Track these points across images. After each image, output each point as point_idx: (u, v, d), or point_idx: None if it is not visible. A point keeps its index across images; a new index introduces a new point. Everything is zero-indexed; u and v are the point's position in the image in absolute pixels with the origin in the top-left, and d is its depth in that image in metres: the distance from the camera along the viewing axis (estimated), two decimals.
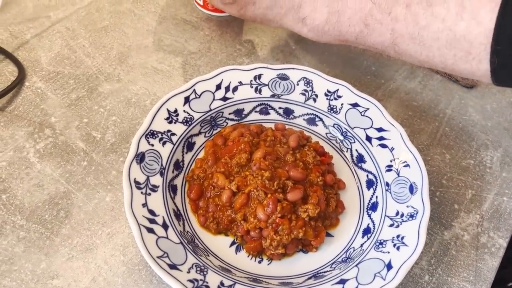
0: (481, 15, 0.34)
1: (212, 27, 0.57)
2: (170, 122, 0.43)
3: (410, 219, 0.39)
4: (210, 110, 0.45)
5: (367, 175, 0.44)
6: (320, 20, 0.44)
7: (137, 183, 0.38)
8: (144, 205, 0.37)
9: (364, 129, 0.45)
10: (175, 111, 0.43)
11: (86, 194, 0.42)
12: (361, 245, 0.39)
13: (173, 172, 0.42)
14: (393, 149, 0.43)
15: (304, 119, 0.47)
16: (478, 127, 0.51)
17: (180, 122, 0.43)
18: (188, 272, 0.35)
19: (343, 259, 0.39)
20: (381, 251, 0.38)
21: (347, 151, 0.46)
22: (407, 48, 0.40)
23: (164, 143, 0.42)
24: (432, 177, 0.46)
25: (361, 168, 0.44)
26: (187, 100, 0.44)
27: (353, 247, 0.39)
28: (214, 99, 0.45)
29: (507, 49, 0.34)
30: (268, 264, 0.39)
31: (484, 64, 0.36)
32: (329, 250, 0.40)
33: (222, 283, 0.35)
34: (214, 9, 0.58)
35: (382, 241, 0.38)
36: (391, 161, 0.43)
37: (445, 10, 0.36)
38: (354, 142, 0.45)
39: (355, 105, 0.46)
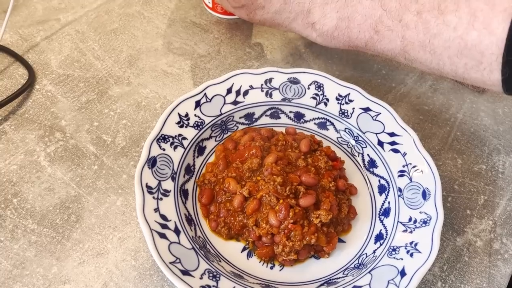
0: (493, 25, 0.34)
1: (222, 30, 0.57)
2: (181, 126, 0.43)
3: (424, 225, 0.38)
4: (221, 114, 0.45)
5: (379, 180, 0.43)
6: (330, 26, 0.43)
7: (149, 187, 0.38)
8: (156, 210, 0.37)
9: (376, 133, 0.44)
10: (186, 115, 0.43)
11: (97, 198, 0.42)
12: (374, 251, 0.39)
13: (184, 176, 0.41)
14: (406, 154, 0.43)
15: (315, 123, 0.47)
16: (490, 131, 0.51)
17: (191, 126, 0.43)
18: (201, 278, 0.35)
19: (356, 266, 0.38)
20: (394, 257, 0.37)
21: (358, 156, 0.45)
22: (417, 56, 0.40)
23: (175, 148, 0.41)
24: (444, 182, 0.46)
25: (373, 173, 0.44)
26: (198, 104, 0.44)
27: (366, 253, 0.39)
28: (225, 103, 0.45)
29: None
30: (280, 270, 0.39)
31: (495, 74, 0.35)
32: (342, 256, 0.40)
33: None
34: (223, 12, 0.57)
35: (395, 247, 0.38)
36: (403, 166, 0.42)
37: (457, 18, 0.36)
38: (366, 146, 0.45)
39: (366, 109, 0.45)
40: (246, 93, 0.46)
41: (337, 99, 0.46)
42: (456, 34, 0.36)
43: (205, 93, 0.44)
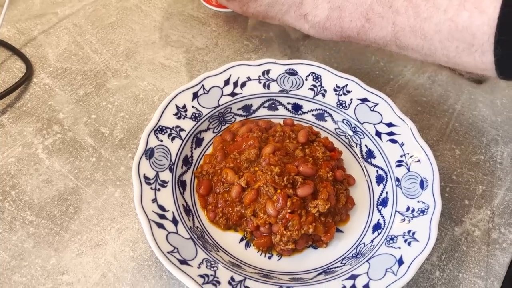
0: (484, 4, 0.33)
1: (219, 22, 0.57)
2: (179, 118, 0.43)
3: (421, 214, 0.38)
4: (219, 105, 0.45)
5: (377, 171, 0.43)
6: (322, 17, 0.43)
7: (146, 178, 0.38)
8: (154, 200, 0.37)
9: (374, 124, 0.44)
10: (184, 106, 0.43)
11: (95, 190, 0.42)
12: (372, 241, 0.39)
13: (182, 167, 0.41)
14: (403, 144, 0.42)
15: (313, 115, 0.47)
16: (488, 122, 0.51)
17: (189, 118, 0.43)
18: (199, 267, 0.35)
19: (354, 255, 0.39)
20: (392, 246, 0.37)
21: (356, 147, 0.45)
22: (408, 42, 0.39)
23: (173, 139, 0.41)
24: (442, 173, 0.46)
25: (370, 163, 0.44)
26: (195, 95, 0.44)
27: (364, 243, 0.39)
28: (222, 95, 0.45)
29: (511, 39, 0.33)
30: (278, 260, 0.39)
31: (487, 56, 0.35)
32: (339, 245, 0.40)
33: (232, 279, 0.35)
34: (218, 5, 0.57)
35: (393, 236, 0.38)
36: (401, 156, 0.42)
37: (447, 0, 0.35)
38: (364, 137, 0.45)
39: (364, 100, 0.45)
40: (243, 84, 0.46)
41: (334, 90, 0.46)
42: (447, 16, 0.35)
43: (202, 85, 0.44)
